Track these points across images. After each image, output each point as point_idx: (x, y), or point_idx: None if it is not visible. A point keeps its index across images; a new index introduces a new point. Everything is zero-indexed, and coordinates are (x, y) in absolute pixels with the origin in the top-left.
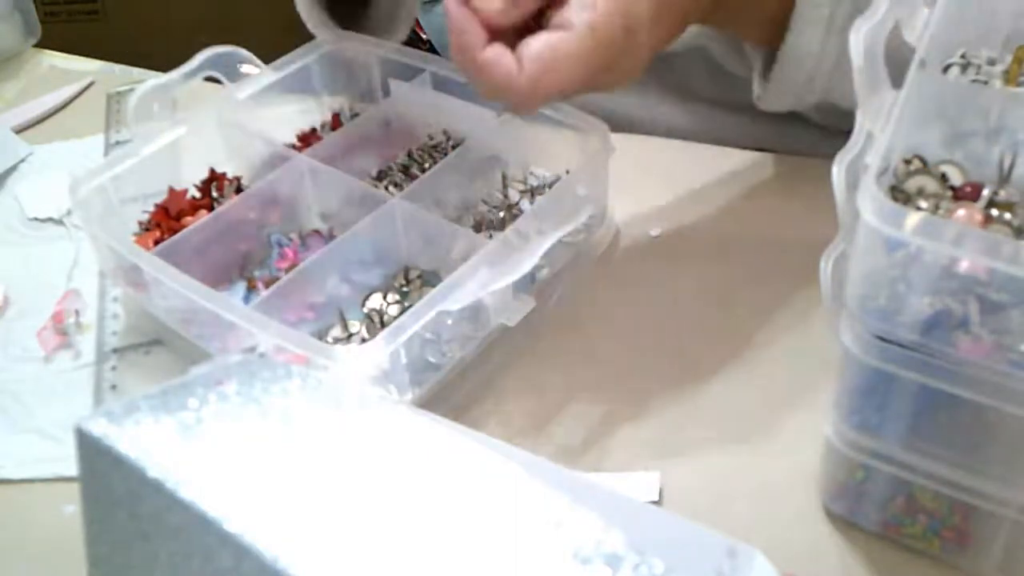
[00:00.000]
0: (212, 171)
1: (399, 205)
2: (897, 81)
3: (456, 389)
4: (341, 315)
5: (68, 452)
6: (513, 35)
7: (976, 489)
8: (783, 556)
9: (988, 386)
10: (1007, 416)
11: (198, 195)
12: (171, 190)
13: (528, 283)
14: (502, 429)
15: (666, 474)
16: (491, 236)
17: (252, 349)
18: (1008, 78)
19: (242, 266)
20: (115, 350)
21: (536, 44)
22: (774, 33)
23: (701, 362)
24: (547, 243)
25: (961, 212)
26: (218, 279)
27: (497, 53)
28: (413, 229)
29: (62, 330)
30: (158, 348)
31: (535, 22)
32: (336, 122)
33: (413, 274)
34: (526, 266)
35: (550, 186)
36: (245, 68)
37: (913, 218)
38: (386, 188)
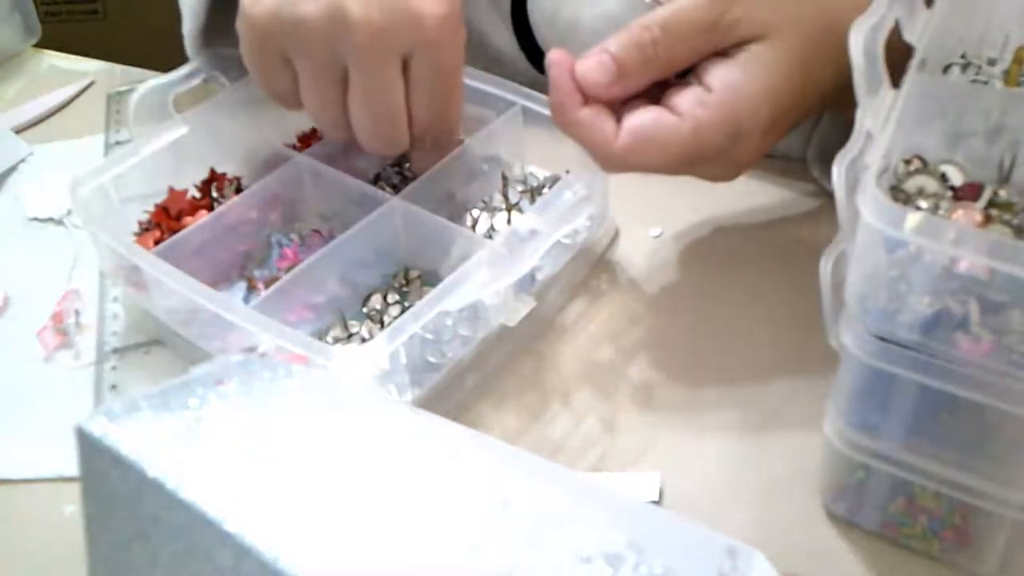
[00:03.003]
0: (212, 171)
1: (399, 205)
2: (897, 81)
3: (456, 389)
4: (341, 315)
5: (68, 452)
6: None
7: (976, 489)
8: (783, 556)
9: (988, 386)
10: (1007, 416)
11: (198, 195)
12: (171, 190)
13: (528, 283)
14: (502, 429)
15: (666, 474)
16: (491, 236)
17: (252, 349)
18: (1008, 78)
19: (242, 266)
20: (115, 350)
21: (639, 120)
22: None
23: (701, 362)
24: (547, 243)
25: (961, 212)
26: (218, 279)
27: (592, 116)
28: (413, 229)
29: (62, 330)
30: (158, 348)
31: (655, 88)
32: None
33: (413, 274)
34: (526, 266)
35: (550, 186)
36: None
37: (913, 218)
38: (385, 188)
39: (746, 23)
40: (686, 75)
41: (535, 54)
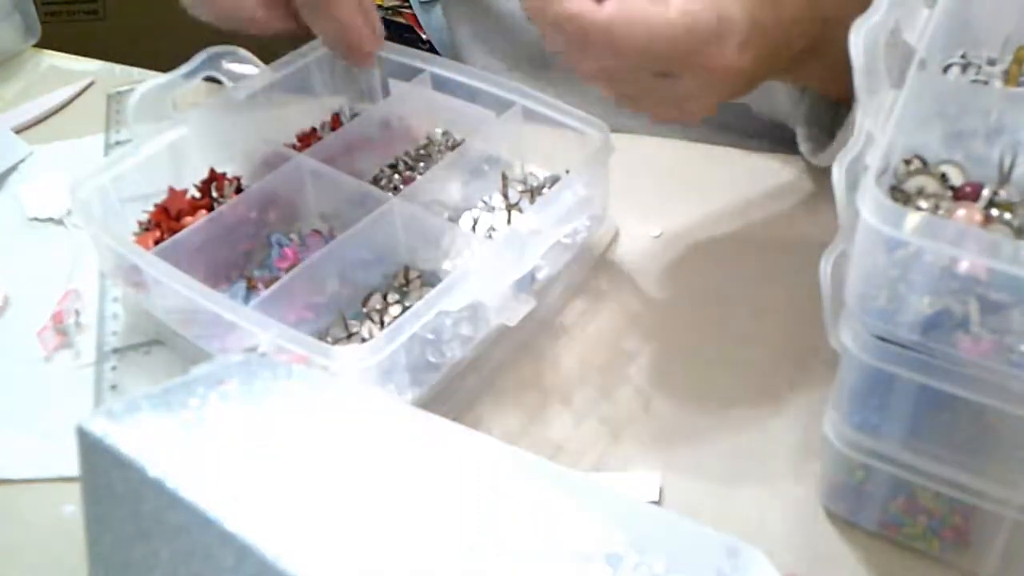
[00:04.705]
0: (212, 171)
1: (399, 205)
2: (897, 81)
3: (456, 389)
4: (341, 315)
5: (68, 452)
6: None
7: (976, 489)
8: (783, 556)
9: (988, 386)
10: (1007, 416)
11: (198, 195)
12: (171, 190)
13: (528, 283)
14: (502, 429)
15: (666, 474)
16: (491, 236)
17: (253, 349)
18: (1008, 78)
19: (242, 266)
20: (115, 350)
21: None
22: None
23: (701, 362)
24: (547, 243)
25: (961, 212)
26: (218, 279)
27: None
28: (413, 229)
29: (62, 330)
30: (158, 348)
31: None
32: (336, 122)
33: (413, 274)
34: (526, 266)
35: (550, 186)
36: (245, 68)
37: (913, 218)
38: (385, 188)
39: None
40: None
41: None
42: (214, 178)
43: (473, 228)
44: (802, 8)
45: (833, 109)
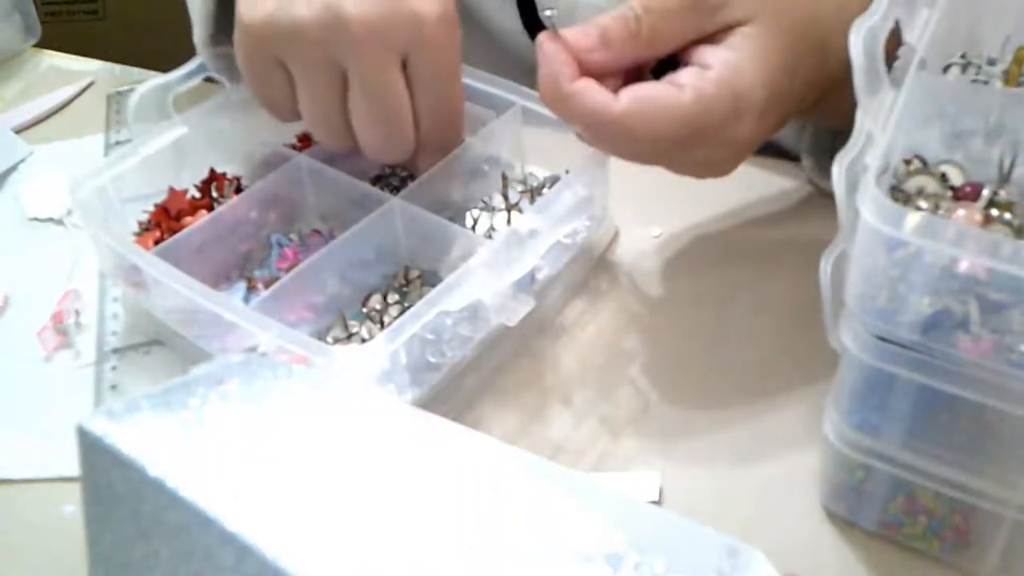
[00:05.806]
0: (212, 171)
1: (399, 205)
2: (897, 81)
3: (456, 389)
4: (341, 315)
5: (68, 452)
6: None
7: (976, 489)
8: (783, 556)
9: (988, 386)
10: (1007, 416)
11: (198, 195)
12: (171, 190)
13: (528, 283)
14: (502, 429)
15: (666, 474)
16: (491, 236)
17: (253, 349)
18: (1008, 78)
19: (242, 266)
20: (115, 350)
21: (638, 88)
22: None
23: (701, 362)
24: (547, 243)
25: (961, 212)
26: (218, 279)
27: (588, 84)
28: (413, 229)
29: (62, 330)
30: (158, 348)
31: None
32: None
33: (413, 274)
34: (526, 266)
35: (550, 186)
36: None
37: (913, 218)
38: (385, 189)
39: (731, 7)
40: (676, 68)
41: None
42: (214, 178)
43: (473, 228)
44: (814, 72)
45: (834, 135)
